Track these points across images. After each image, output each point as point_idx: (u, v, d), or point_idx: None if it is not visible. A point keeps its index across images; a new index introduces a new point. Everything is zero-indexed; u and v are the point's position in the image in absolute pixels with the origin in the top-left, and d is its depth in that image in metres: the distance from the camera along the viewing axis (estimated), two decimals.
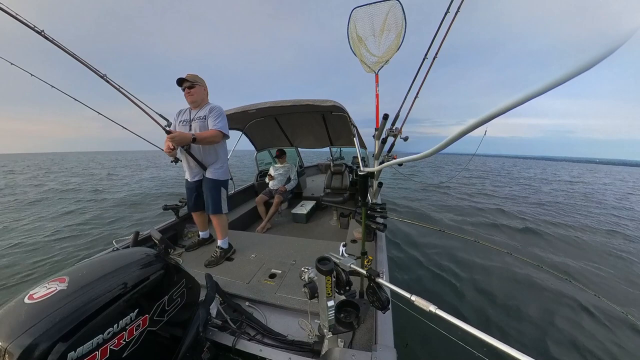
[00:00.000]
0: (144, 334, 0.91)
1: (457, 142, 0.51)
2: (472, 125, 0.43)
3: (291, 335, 1.33)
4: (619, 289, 3.42)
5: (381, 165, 1.11)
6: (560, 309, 2.91)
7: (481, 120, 0.41)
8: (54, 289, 0.80)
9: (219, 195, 2.11)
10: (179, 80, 1.99)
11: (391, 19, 2.26)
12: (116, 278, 0.91)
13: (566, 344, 2.41)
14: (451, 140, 0.50)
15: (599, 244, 5.13)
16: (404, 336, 2.20)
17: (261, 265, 2.03)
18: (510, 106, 0.37)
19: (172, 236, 2.50)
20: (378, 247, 2.06)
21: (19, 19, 1.45)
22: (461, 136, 0.47)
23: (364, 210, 1.43)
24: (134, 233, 1.99)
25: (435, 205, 8.06)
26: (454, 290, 3.21)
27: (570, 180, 19.54)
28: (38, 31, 1.54)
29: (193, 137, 1.83)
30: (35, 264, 3.81)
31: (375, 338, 1.18)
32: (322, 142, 4.50)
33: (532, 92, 0.33)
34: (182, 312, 1.12)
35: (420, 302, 0.74)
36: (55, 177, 14.95)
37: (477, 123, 0.42)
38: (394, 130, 2.10)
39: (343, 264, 1.08)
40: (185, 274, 1.20)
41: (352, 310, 1.10)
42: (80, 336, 0.74)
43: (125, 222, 6.03)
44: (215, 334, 1.31)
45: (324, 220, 3.86)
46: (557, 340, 2.45)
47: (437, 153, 0.56)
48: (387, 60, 2.36)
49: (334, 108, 2.54)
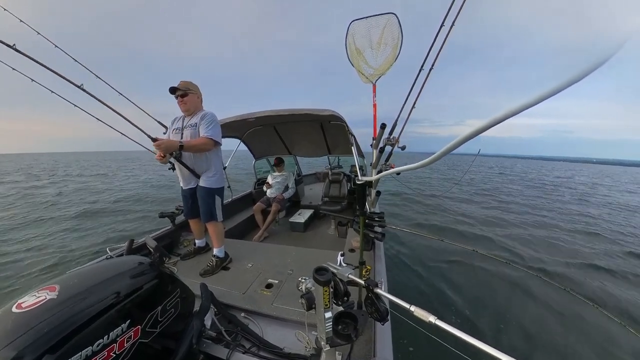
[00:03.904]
0: (135, 346, 0.88)
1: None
2: (470, 134, 0.43)
3: (287, 348, 1.29)
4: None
5: (379, 175, 1.11)
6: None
7: (479, 129, 0.41)
8: (44, 298, 0.78)
9: (212, 203, 2.09)
10: (171, 89, 1.98)
11: (388, 32, 2.33)
12: (108, 287, 0.88)
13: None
14: (448, 150, 0.50)
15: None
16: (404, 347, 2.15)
17: (258, 274, 2.00)
18: (510, 113, 0.36)
19: (167, 244, 2.46)
20: (376, 257, 2.04)
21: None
22: (457, 146, 0.47)
23: (362, 219, 1.43)
24: (128, 241, 1.95)
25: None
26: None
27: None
28: (9, 45, 1.54)
29: (180, 144, 1.81)
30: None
31: (374, 350, 1.15)
32: (320, 150, 4.52)
33: (534, 98, 0.32)
34: (176, 323, 1.09)
35: (420, 312, 0.73)
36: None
37: (474, 132, 0.42)
38: (392, 139, 2.13)
39: (341, 274, 1.06)
40: (180, 284, 1.18)
41: (350, 322, 1.08)
42: (68, 348, 0.71)
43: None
44: (209, 346, 1.27)
45: (322, 229, 3.84)
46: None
47: (433, 163, 0.56)
48: (384, 72, 2.41)
49: (332, 117, 2.57)
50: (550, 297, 3.20)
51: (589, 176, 28.31)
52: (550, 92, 0.31)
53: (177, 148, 1.81)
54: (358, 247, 1.59)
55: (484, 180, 17.26)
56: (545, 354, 2.45)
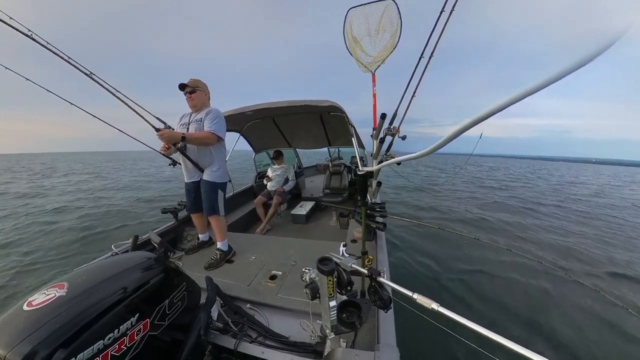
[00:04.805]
0: (145, 339, 0.90)
1: (454, 141, 0.51)
2: (469, 124, 0.44)
3: (293, 337, 1.33)
4: None
5: (380, 165, 1.11)
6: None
7: (477, 119, 0.41)
8: (53, 296, 0.80)
9: (215, 197, 2.11)
10: (180, 85, 2.04)
11: (386, 18, 2.27)
12: (116, 283, 0.90)
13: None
14: (448, 140, 0.50)
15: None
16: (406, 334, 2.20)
17: (261, 267, 2.03)
18: (505, 105, 0.37)
19: (171, 240, 2.49)
20: (378, 247, 2.06)
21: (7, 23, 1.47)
22: (458, 135, 0.47)
23: (363, 210, 1.43)
24: (133, 237, 1.97)
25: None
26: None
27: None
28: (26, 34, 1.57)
29: (182, 135, 1.88)
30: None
31: (378, 337, 1.18)
32: (320, 142, 4.50)
33: (528, 89, 0.33)
34: (183, 315, 1.11)
35: (422, 299, 0.74)
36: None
37: (473, 122, 0.43)
38: (392, 129, 2.11)
39: (344, 264, 1.07)
40: (186, 277, 1.20)
41: (354, 310, 1.10)
42: (80, 342, 0.73)
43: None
44: (216, 336, 1.31)
45: (324, 220, 3.86)
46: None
47: (434, 152, 0.56)
48: (383, 59, 2.36)
49: (332, 108, 2.54)
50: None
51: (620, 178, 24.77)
52: (551, 79, 0.31)
53: (179, 139, 1.89)
54: (360, 238, 1.60)
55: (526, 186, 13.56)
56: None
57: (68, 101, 2.23)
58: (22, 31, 1.60)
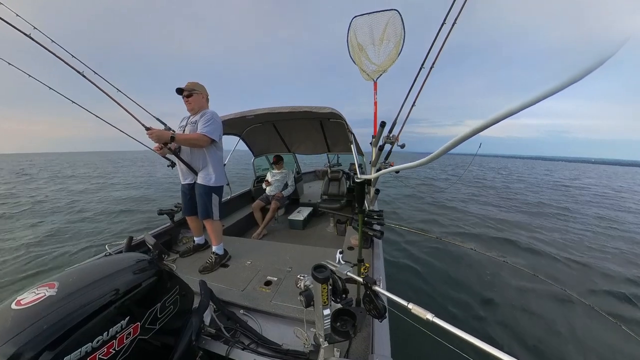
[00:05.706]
0: (134, 343, 0.88)
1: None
2: (470, 133, 0.43)
3: (286, 345, 1.30)
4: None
5: (378, 173, 1.11)
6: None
7: (479, 127, 0.41)
8: (43, 295, 0.78)
9: (209, 201, 2.09)
10: (178, 90, 2.05)
11: (390, 29, 2.32)
12: (107, 284, 0.88)
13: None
14: (447, 149, 0.50)
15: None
16: (401, 344, 2.17)
17: (257, 272, 2.00)
18: (506, 114, 0.36)
19: (166, 242, 2.46)
20: (375, 255, 2.05)
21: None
22: (458, 144, 0.47)
23: (360, 217, 1.43)
24: (128, 238, 1.95)
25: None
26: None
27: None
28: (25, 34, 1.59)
29: (172, 135, 1.85)
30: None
31: (372, 347, 1.16)
32: (319, 148, 4.51)
33: (531, 99, 0.33)
34: (175, 320, 1.09)
35: (417, 310, 0.74)
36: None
37: (472, 132, 0.42)
38: (391, 137, 2.12)
39: (339, 272, 1.06)
40: (179, 281, 1.18)
41: (349, 319, 1.08)
42: (67, 345, 0.71)
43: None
44: (208, 342, 1.28)
45: (321, 226, 3.84)
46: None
47: (433, 161, 0.56)
48: (386, 69, 2.40)
49: (332, 115, 2.56)
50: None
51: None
52: (549, 91, 0.31)
53: (168, 138, 1.85)
54: (357, 245, 1.59)
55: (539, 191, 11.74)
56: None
57: (70, 99, 2.23)
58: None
